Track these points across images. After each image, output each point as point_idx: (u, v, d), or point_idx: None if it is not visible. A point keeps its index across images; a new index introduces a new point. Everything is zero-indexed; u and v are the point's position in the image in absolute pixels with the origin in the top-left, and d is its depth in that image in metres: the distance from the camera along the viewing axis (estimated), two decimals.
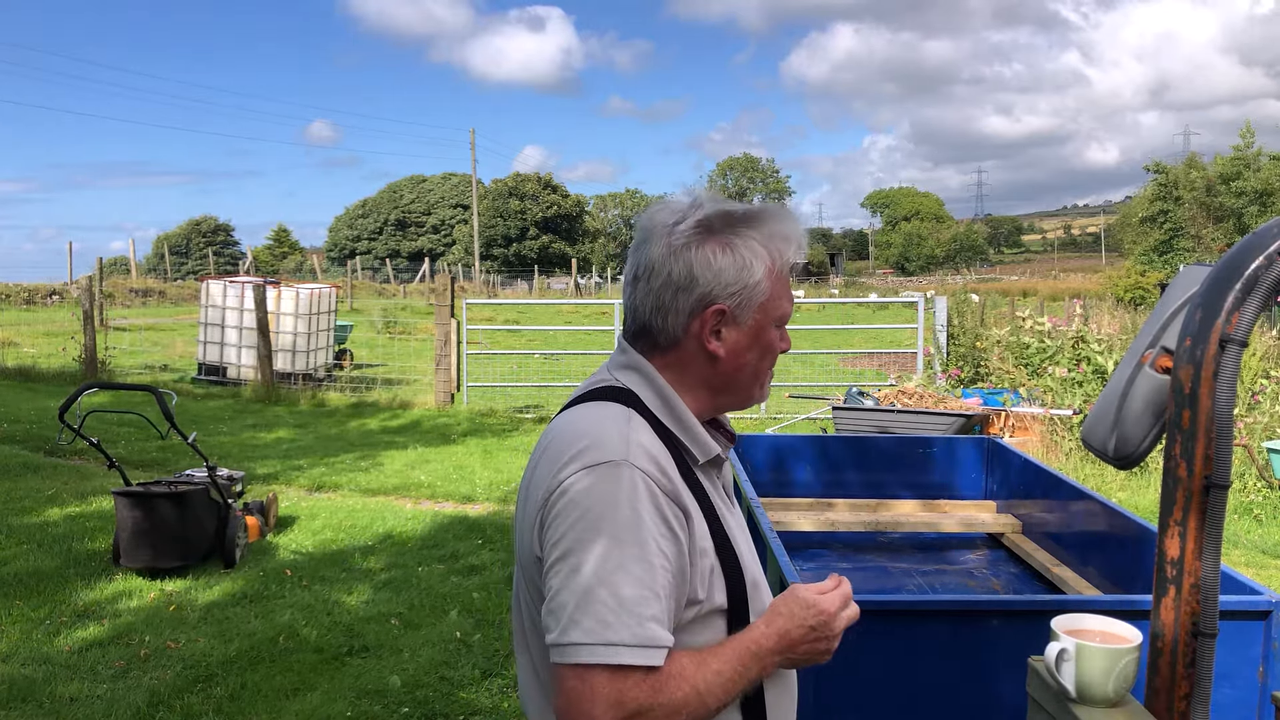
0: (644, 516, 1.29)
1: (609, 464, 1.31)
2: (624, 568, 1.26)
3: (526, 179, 71.45)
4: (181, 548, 5.70)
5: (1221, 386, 1.44)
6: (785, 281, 1.48)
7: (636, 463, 1.32)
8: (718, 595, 1.38)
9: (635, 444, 1.34)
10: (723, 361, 1.45)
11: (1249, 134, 41.67)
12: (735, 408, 1.52)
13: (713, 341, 1.44)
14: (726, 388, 1.48)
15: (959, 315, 12.76)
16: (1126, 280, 38.49)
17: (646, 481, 1.31)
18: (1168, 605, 1.51)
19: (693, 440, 1.44)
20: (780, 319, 1.48)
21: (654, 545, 1.28)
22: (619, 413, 1.40)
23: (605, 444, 1.33)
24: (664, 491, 1.32)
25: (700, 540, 1.36)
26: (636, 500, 1.29)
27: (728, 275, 1.43)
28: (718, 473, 1.50)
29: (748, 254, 1.43)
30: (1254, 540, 6.78)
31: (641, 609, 1.25)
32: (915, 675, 2.25)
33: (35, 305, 25.92)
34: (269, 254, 66.45)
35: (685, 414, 1.44)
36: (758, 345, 1.47)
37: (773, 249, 1.45)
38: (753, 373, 1.48)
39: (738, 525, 1.51)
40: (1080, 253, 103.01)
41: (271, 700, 4.15)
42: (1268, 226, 1.49)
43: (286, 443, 10.20)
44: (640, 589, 1.26)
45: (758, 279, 1.43)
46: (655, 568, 1.28)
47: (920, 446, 4.35)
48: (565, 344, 19.59)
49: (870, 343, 19.62)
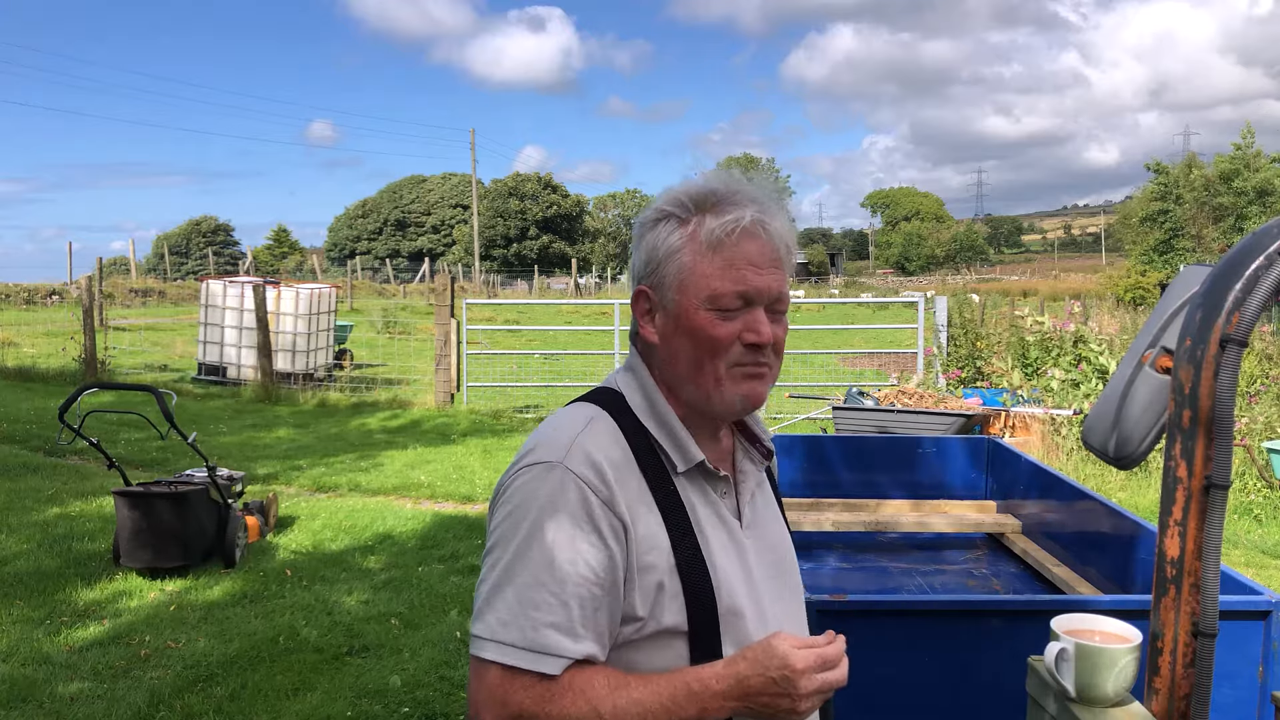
0: (564, 521, 1.23)
1: (543, 465, 1.27)
2: (530, 570, 1.22)
3: (526, 179, 71.49)
4: (181, 548, 5.70)
5: (1221, 386, 1.44)
6: (724, 258, 1.30)
7: (571, 465, 1.26)
8: (667, 617, 1.27)
9: (578, 447, 1.27)
10: (660, 349, 1.35)
11: (1249, 134, 41.67)
12: (705, 411, 1.36)
13: (647, 328, 1.36)
14: (677, 381, 1.35)
15: (959, 315, 12.76)
16: (1126, 280, 38.51)
17: (579, 485, 1.24)
18: (1168, 605, 1.51)
19: (673, 445, 1.34)
20: (711, 299, 1.30)
21: (570, 552, 1.22)
22: (582, 415, 1.34)
23: (550, 445, 1.29)
24: (598, 498, 1.25)
25: (646, 555, 1.26)
26: (559, 504, 1.24)
27: (644, 254, 1.35)
28: (716, 484, 1.37)
29: (665, 228, 1.33)
30: (1254, 540, 6.79)
31: (539, 614, 1.21)
32: (915, 675, 2.25)
33: (35, 305, 25.91)
34: (269, 254, 66.44)
35: (668, 416, 1.35)
36: (685, 330, 1.32)
37: (698, 218, 1.32)
38: (692, 363, 1.32)
39: (734, 545, 1.36)
40: (1080, 253, 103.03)
41: (271, 700, 4.15)
42: (1268, 226, 1.49)
43: (286, 443, 10.20)
44: (542, 593, 1.21)
45: (672, 253, 1.32)
46: (567, 575, 1.22)
47: (920, 447, 4.34)
48: (565, 344, 19.59)
49: (870, 343, 19.61)
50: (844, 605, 2.21)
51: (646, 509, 1.28)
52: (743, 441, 1.45)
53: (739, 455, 1.44)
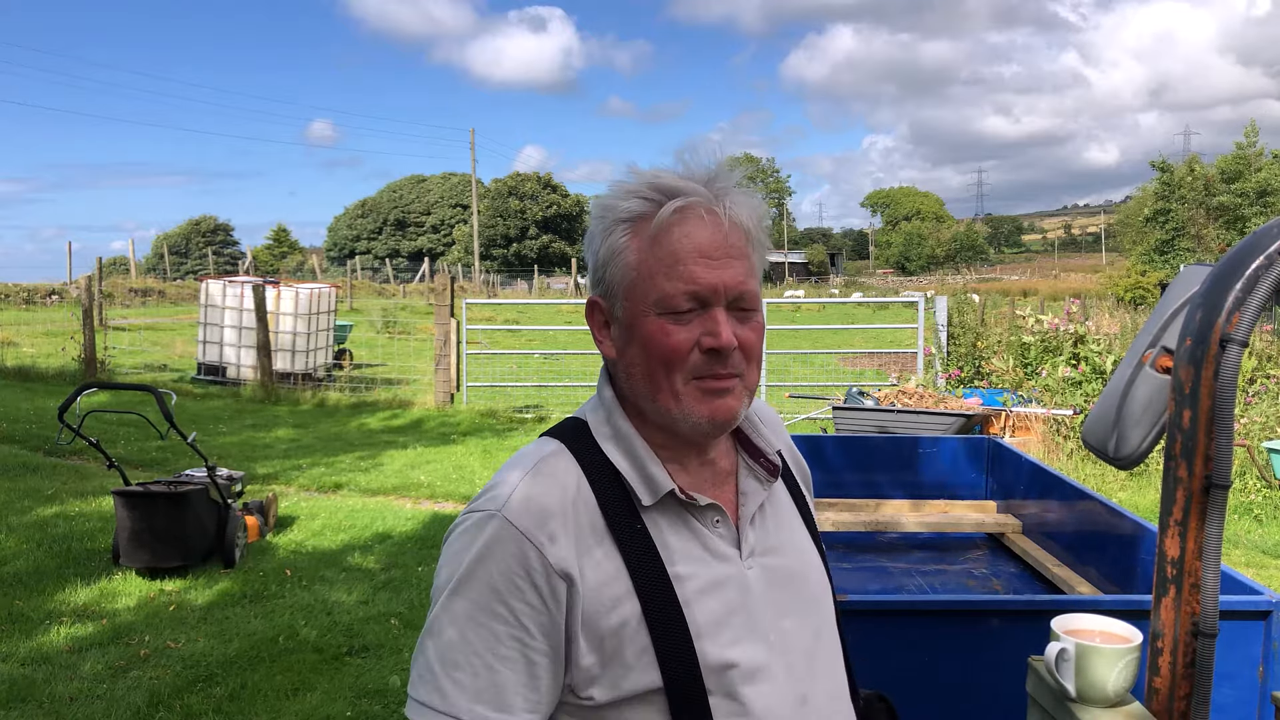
0: (494, 578, 1.10)
1: (482, 515, 1.14)
2: (455, 626, 1.10)
3: (526, 179, 71.52)
4: (181, 548, 5.69)
5: (1222, 386, 1.44)
6: (667, 252, 1.13)
7: (510, 516, 1.11)
8: (637, 676, 1.11)
9: (520, 495, 1.12)
10: (618, 365, 1.20)
11: (1253, 132, 41.64)
12: (673, 431, 1.19)
13: (604, 343, 1.21)
14: (639, 400, 1.19)
15: (959, 315, 12.77)
16: (1127, 280, 38.48)
17: (516, 538, 1.10)
18: (1168, 605, 1.51)
19: (639, 476, 1.16)
20: (660, 304, 1.13)
21: (500, 611, 1.09)
22: (534, 454, 1.19)
23: (495, 492, 1.15)
24: (540, 553, 1.10)
25: (603, 608, 1.11)
26: (491, 558, 1.10)
27: (591, 258, 1.20)
28: (701, 515, 1.19)
29: (604, 223, 1.17)
30: (1254, 540, 6.78)
31: (460, 675, 1.08)
32: (915, 675, 2.25)
33: (35, 305, 25.90)
34: (269, 254, 66.41)
35: (634, 444, 1.18)
36: (636, 341, 1.16)
37: (642, 206, 1.15)
38: (647, 379, 1.16)
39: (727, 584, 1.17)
40: (1080, 253, 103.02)
41: (271, 700, 4.14)
42: (1268, 226, 1.49)
43: (286, 443, 10.20)
44: (466, 654, 1.09)
45: (615, 254, 1.16)
46: (495, 635, 1.09)
47: (920, 446, 4.34)
48: (565, 344, 19.57)
49: (870, 343, 19.62)
50: (844, 605, 2.20)
51: (603, 555, 1.12)
52: (746, 458, 1.27)
53: (742, 475, 1.25)
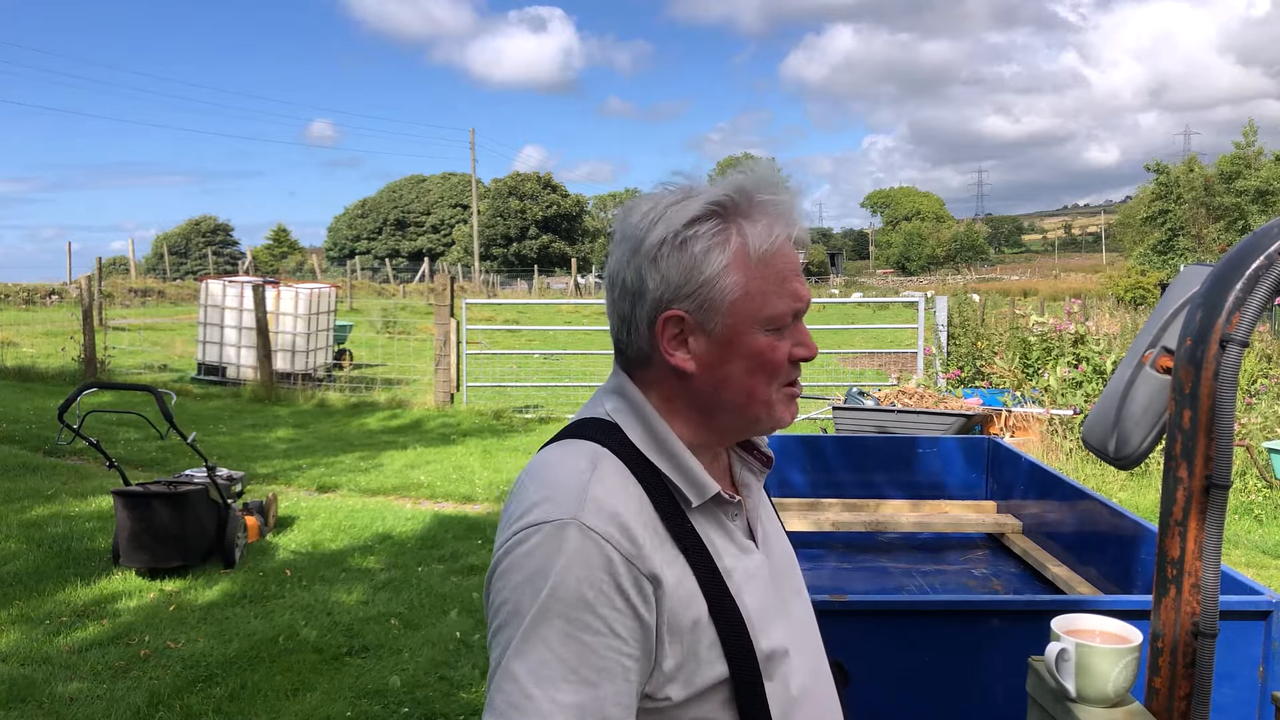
0: (584, 590, 1.07)
1: (554, 524, 1.10)
2: (547, 646, 1.06)
3: (526, 179, 71.48)
4: (181, 548, 5.69)
5: (1222, 386, 1.44)
6: (775, 271, 1.18)
7: (589, 522, 1.10)
8: (708, 670, 1.14)
9: (592, 499, 1.11)
10: (697, 378, 1.21)
11: (1251, 133, 41.63)
12: (746, 434, 1.28)
13: (677, 355, 1.20)
14: (716, 409, 1.22)
15: (959, 315, 12.77)
16: (1127, 280, 38.46)
17: (600, 545, 1.09)
18: (1168, 605, 1.51)
19: (685, 479, 1.20)
20: (770, 320, 1.19)
21: (595, 623, 1.07)
22: (585, 457, 1.18)
23: (558, 498, 1.12)
24: (623, 556, 1.09)
25: (684, 609, 1.13)
26: (580, 569, 1.08)
27: (676, 274, 1.18)
28: (728, 511, 1.24)
29: (704, 243, 1.18)
30: (1254, 540, 6.78)
31: (553, 694, 1.05)
32: (915, 675, 2.25)
33: (34, 305, 25.90)
34: (268, 254, 66.41)
35: (676, 447, 1.21)
36: (739, 356, 1.19)
37: (745, 232, 1.18)
38: (743, 390, 1.20)
39: (758, 574, 1.24)
40: (1080, 252, 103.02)
41: (271, 700, 4.14)
42: (1268, 226, 1.49)
43: (286, 443, 10.20)
44: (563, 671, 1.06)
45: (716, 272, 1.17)
46: (590, 648, 1.07)
47: (920, 446, 4.34)
48: (565, 344, 19.57)
49: (870, 343, 19.61)
50: (844, 605, 2.21)
51: (671, 557, 1.14)
52: (739, 452, 1.33)
53: (736, 468, 1.33)
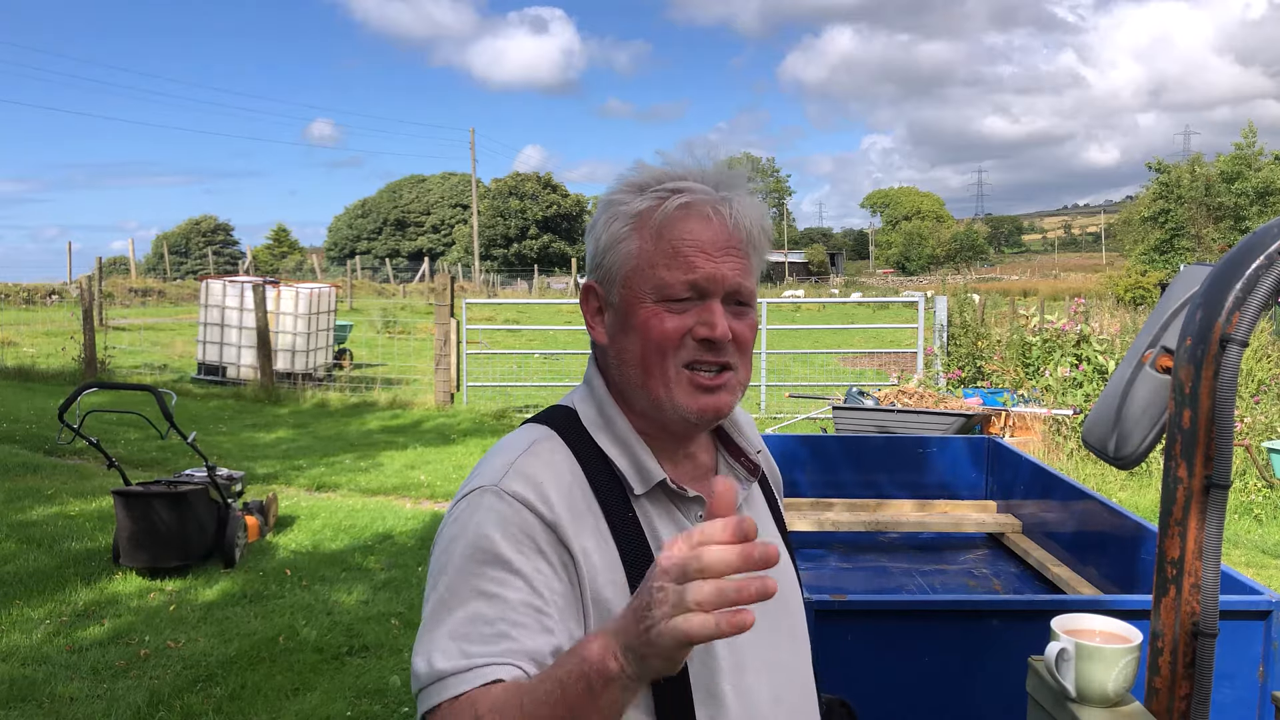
0: (499, 546, 1.08)
1: (476, 491, 1.14)
2: (462, 605, 1.07)
3: (526, 179, 71.51)
4: (181, 548, 5.69)
5: (1222, 386, 1.44)
6: (669, 243, 1.16)
7: (506, 487, 1.12)
8: None
9: (515, 470, 1.14)
10: (609, 353, 1.22)
11: (1251, 133, 41.63)
12: (660, 421, 1.21)
13: (596, 328, 1.23)
14: (626, 387, 1.21)
15: (959, 315, 12.77)
16: (1127, 280, 38.46)
17: (514, 505, 1.11)
18: (1168, 605, 1.51)
19: (630, 463, 1.19)
20: (658, 289, 1.16)
21: (507, 579, 1.07)
22: (526, 438, 1.21)
23: (486, 472, 1.16)
24: (541, 521, 1.10)
25: (603, 590, 1.11)
26: (494, 526, 1.10)
27: (592, 245, 1.22)
28: (686, 507, 1.21)
29: (609, 213, 1.19)
30: (1254, 540, 6.78)
31: (466, 647, 1.05)
32: (915, 675, 2.25)
33: (35, 305, 25.89)
34: (269, 254, 66.39)
35: (623, 432, 1.21)
36: (632, 327, 1.18)
37: (646, 205, 1.17)
38: (639, 365, 1.18)
39: None
40: (1080, 252, 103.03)
41: (271, 700, 4.14)
42: (1268, 226, 1.49)
43: (286, 443, 10.20)
44: (471, 627, 1.06)
45: (616, 241, 1.18)
46: (506, 603, 1.06)
47: (920, 446, 4.34)
48: (565, 344, 19.56)
49: (870, 342, 19.62)
50: (844, 605, 2.21)
51: (601, 539, 1.14)
52: (726, 457, 1.30)
53: (722, 472, 1.29)
